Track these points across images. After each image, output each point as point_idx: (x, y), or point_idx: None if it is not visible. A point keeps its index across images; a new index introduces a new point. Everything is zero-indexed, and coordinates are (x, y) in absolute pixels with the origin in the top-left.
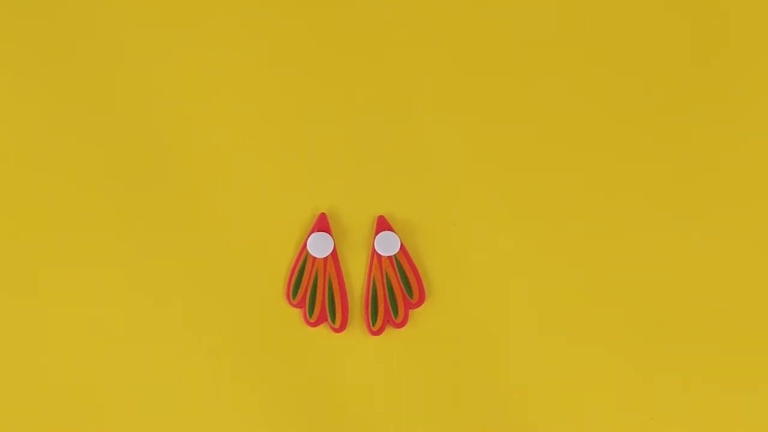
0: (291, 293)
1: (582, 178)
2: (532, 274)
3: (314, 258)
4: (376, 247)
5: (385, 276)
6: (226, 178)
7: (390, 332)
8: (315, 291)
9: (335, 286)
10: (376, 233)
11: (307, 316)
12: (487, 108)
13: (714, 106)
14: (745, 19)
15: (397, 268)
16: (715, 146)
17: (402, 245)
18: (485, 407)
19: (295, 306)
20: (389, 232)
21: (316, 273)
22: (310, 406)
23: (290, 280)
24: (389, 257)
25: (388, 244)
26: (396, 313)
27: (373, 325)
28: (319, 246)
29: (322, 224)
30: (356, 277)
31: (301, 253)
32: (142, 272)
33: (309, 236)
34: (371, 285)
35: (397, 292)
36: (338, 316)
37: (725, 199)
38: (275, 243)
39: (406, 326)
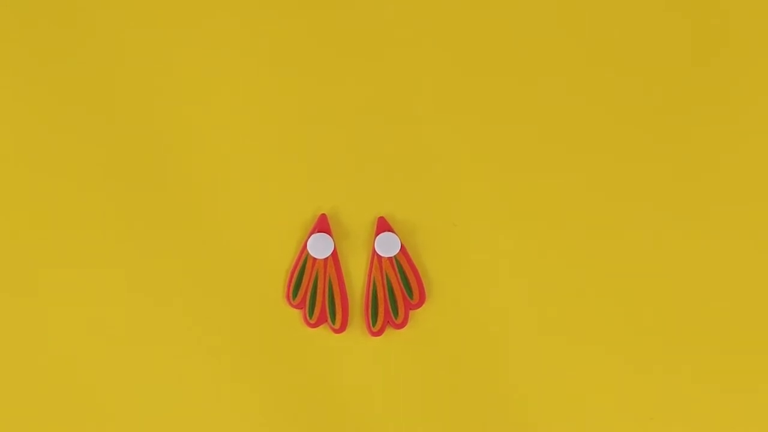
0: (291, 294)
1: (582, 178)
2: (532, 274)
3: (314, 259)
4: (376, 248)
5: (385, 277)
6: (226, 178)
7: (390, 333)
8: (315, 292)
9: (335, 287)
10: (377, 234)
11: (307, 317)
12: (487, 108)
13: (714, 106)
14: (745, 19)
15: (397, 269)
16: (715, 146)
17: (402, 246)
18: (485, 407)
19: (295, 307)
20: (389, 233)
21: (317, 274)
22: (310, 406)
23: (290, 280)
24: (389, 258)
25: (388, 245)
26: (396, 313)
27: (374, 326)
28: (320, 247)
29: (322, 225)
30: (356, 278)
31: (301, 253)
32: (142, 272)
33: (309, 237)
34: (371, 286)
35: (397, 292)
36: (338, 316)
37: (725, 199)
38: (275, 244)
39: (406, 327)
